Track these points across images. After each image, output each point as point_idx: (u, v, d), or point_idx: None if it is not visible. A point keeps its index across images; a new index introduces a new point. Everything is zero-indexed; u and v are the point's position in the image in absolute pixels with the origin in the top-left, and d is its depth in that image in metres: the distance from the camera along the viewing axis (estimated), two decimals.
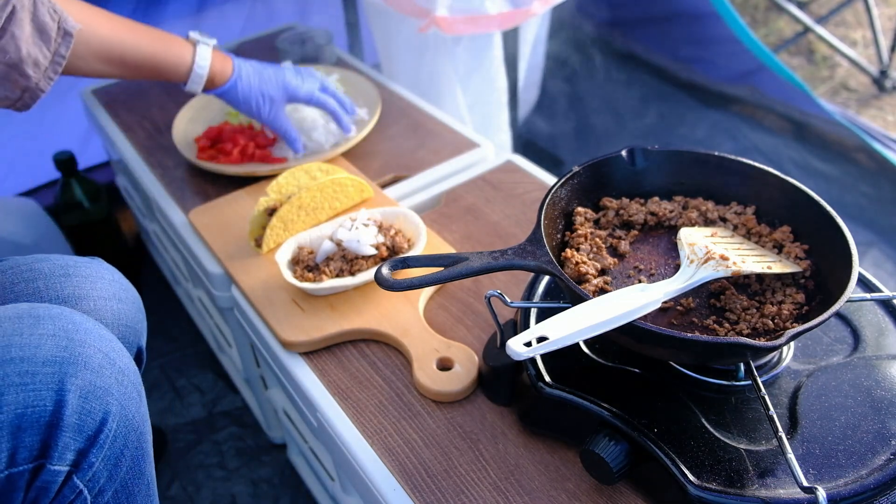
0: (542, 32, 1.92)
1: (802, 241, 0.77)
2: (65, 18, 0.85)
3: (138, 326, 0.87)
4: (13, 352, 0.61)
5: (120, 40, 0.94)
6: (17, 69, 0.82)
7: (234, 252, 1.02)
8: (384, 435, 0.79)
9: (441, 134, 1.29)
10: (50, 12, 0.83)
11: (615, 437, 0.67)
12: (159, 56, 0.98)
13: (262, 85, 1.08)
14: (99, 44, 0.92)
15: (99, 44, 0.92)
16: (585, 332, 0.60)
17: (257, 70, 1.09)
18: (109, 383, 0.64)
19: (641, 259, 0.79)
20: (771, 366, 0.72)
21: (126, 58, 0.95)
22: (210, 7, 1.87)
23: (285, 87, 1.10)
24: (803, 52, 2.51)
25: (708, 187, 0.84)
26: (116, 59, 0.95)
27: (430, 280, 0.67)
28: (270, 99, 1.09)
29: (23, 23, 0.80)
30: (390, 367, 0.87)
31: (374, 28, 1.68)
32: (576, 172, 0.81)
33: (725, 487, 0.62)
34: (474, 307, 0.94)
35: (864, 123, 1.98)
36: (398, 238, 0.96)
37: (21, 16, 0.80)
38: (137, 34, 0.96)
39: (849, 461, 0.64)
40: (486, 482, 0.73)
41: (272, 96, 1.09)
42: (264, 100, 1.09)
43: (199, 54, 1.01)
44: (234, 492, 1.29)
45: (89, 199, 1.55)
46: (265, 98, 1.09)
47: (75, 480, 0.62)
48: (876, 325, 0.77)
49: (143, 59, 0.97)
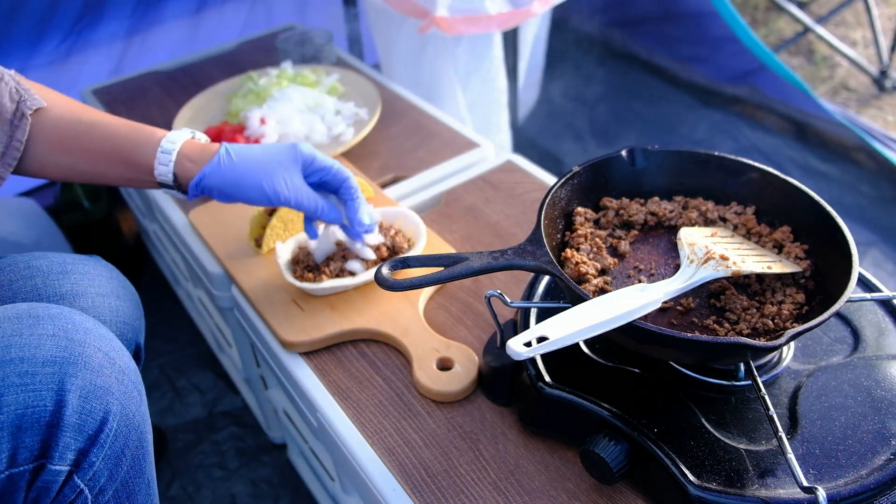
0: (542, 32, 1.92)
1: (802, 241, 0.77)
2: (26, 98, 0.76)
3: (136, 324, 0.87)
4: (13, 352, 0.61)
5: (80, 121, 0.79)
6: None
7: (234, 252, 1.02)
8: (384, 435, 0.79)
9: (441, 134, 1.29)
10: (11, 93, 0.75)
11: (615, 437, 0.67)
12: (120, 136, 0.79)
13: (265, 156, 0.81)
14: (55, 126, 0.78)
15: (55, 126, 0.78)
16: (585, 332, 0.60)
17: (250, 146, 0.83)
18: (110, 383, 0.64)
19: (641, 259, 0.79)
20: (771, 366, 0.72)
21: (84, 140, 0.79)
22: (210, 7, 1.87)
23: (295, 149, 0.82)
24: (803, 52, 2.50)
25: (708, 187, 0.84)
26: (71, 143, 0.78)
27: (430, 280, 0.67)
28: (283, 167, 0.81)
29: None
30: (390, 367, 0.87)
31: (374, 28, 1.68)
32: (576, 172, 0.82)
33: (725, 487, 0.62)
34: (474, 307, 0.94)
35: (864, 123, 1.98)
36: (398, 238, 0.96)
37: None
38: (102, 116, 0.81)
39: (849, 461, 0.64)
40: (486, 482, 0.73)
41: (281, 162, 0.81)
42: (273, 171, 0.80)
43: (171, 133, 0.81)
44: (234, 492, 1.29)
45: (89, 199, 1.55)
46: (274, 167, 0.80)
47: (76, 480, 0.62)
48: (876, 325, 0.77)
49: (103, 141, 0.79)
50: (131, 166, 0.80)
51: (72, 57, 1.70)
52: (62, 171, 0.80)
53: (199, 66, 1.59)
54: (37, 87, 0.79)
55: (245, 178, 0.80)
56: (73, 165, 0.79)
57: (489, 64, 1.58)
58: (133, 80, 1.54)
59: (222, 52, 1.63)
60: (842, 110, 2.06)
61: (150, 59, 1.79)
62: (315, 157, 0.83)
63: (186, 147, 0.80)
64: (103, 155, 0.79)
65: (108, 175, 0.81)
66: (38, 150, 0.77)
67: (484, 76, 1.60)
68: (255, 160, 0.80)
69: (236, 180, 0.80)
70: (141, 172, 0.80)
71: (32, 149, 0.77)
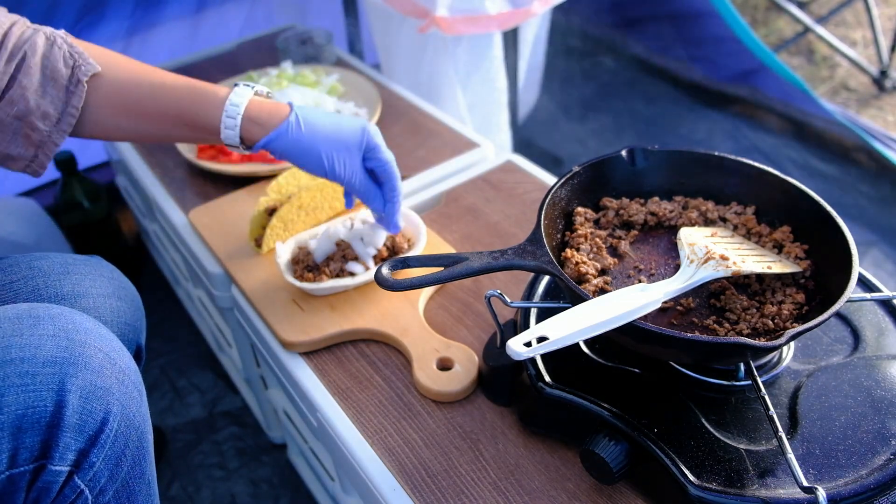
0: (542, 32, 1.92)
1: (802, 241, 0.77)
2: (81, 63, 0.75)
3: (137, 324, 0.87)
4: (13, 353, 0.61)
5: (140, 84, 0.78)
6: (27, 123, 0.74)
7: (234, 252, 1.02)
8: (384, 435, 0.79)
9: (441, 134, 1.29)
10: (65, 57, 0.74)
11: (615, 437, 0.67)
12: (184, 99, 0.79)
13: (334, 124, 0.82)
14: (116, 91, 0.77)
15: (116, 91, 0.77)
16: (585, 332, 0.60)
17: (323, 114, 0.83)
18: (110, 383, 0.64)
19: (641, 259, 0.79)
20: (771, 366, 0.72)
21: (147, 103, 0.78)
22: (209, 7, 1.87)
23: (364, 134, 0.82)
24: (803, 52, 2.50)
25: (708, 187, 0.84)
26: (133, 107, 0.78)
27: (430, 280, 0.67)
28: (346, 147, 0.81)
29: (33, 70, 0.73)
30: (390, 367, 0.87)
31: (374, 28, 1.68)
32: (576, 172, 0.82)
33: (725, 487, 0.62)
34: (474, 307, 0.94)
35: (864, 123, 1.98)
36: (398, 238, 0.96)
37: (32, 62, 0.72)
38: (162, 77, 0.80)
39: (849, 461, 0.64)
40: (486, 482, 0.73)
41: (345, 143, 0.81)
42: (336, 148, 0.81)
43: (234, 93, 0.79)
44: (234, 492, 1.29)
45: (89, 199, 1.55)
46: (338, 146, 0.81)
47: (76, 480, 0.62)
48: (876, 325, 0.77)
49: (167, 104, 0.79)
50: (197, 129, 0.80)
51: None
52: (127, 133, 0.81)
53: (199, 66, 1.59)
54: (91, 48, 0.78)
55: (309, 150, 0.81)
56: (137, 128, 0.80)
57: (489, 64, 1.58)
58: None
59: (222, 52, 1.63)
60: (842, 110, 2.06)
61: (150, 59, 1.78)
62: (378, 148, 0.84)
63: (253, 108, 0.80)
64: (168, 118, 0.79)
65: (174, 135, 0.82)
66: (101, 114, 0.78)
67: (484, 76, 1.60)
68: (323, 135, 0.81)
69: (300, 149, 0.81)
70: (207, 133, 0.81)
71: (95, 113, 0.77)
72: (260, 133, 0.80)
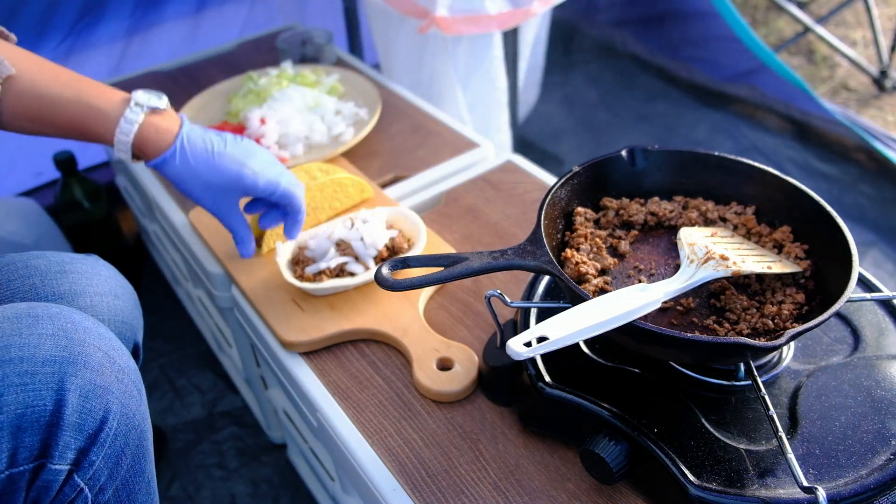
0: (542, 32, 1.92)
1: (802, 241, 0.77)
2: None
3: (135, 323, 0.87)
4: (12, 352, 0.61)
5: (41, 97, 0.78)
6: None
7: (234, 252, 1.02)
8: (384, 435, 0.79)
9: (441, 134, 1.29)
10: None
11: (615, 437, 0.67)
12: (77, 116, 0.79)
13: (209, 167, 0.84)
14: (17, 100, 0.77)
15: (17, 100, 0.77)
16: (585, 332, 0.60)
17: (211, 147, 0.84)
18: (109, 382, 0.64)
19: (641, 259, 0.79)
20: (771, 366, 0.72)
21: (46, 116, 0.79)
22: (210, 7, 1.87)
23: (240, 176, 0.85)
24: (803, 52, 2.51)
25: (708, 187, 0.84)
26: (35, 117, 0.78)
27: (430, 280, 0.67)
28: (217, 188, 0.85)
29: None
30: (390, 367, 0.87)
31: (374, 28, 1.68)
32: (576, 172, 0.81)
33: (725, 487, 0.62)
34: (474, 307, 0.94)
35: (864, 123, 1.98)
36: (398, 238, 0.96)
37: None
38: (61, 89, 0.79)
39: (849, 461, 0.64)
40: (486, 482, 0.73)
41: (219, 185, 0.84)
42: (207, 187, 0.84)
43: (127, 113, 0.79)
44: (234, 492, 1.29)
45: (89, 199, 1.55)
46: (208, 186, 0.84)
47: (76, 479, 0.62)
48: (876, 325, 0.77)
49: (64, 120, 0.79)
50: (95, 140, 0.83)
51: (72, 57, 1.70)
52: (31, 133, 0.81)
53: (199, 66, 1.59)
54: (8, 48, 0.78)
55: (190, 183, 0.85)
56: (40, 132, 0.81)
57: (489, 64, 1.58)
58: (133, 80, 1.54)
59: (222, 52, 1.63)
60: (842, 110, 2.06)
61: (150, 59, 1.79)
62: (257, 186, 0.86)
63: (143, 132, 0.81)
64: (66, 130, 0.81)
65: (74, 139, 0.84)
66: (8, 115, 0.78)
67: (484, 76, 1.60)
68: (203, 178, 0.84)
69: (180, 181, 0.84)
70: (105, 144, 0.83)
71: (4, 114, 0.78)
72: (151, 154, 0.82)
